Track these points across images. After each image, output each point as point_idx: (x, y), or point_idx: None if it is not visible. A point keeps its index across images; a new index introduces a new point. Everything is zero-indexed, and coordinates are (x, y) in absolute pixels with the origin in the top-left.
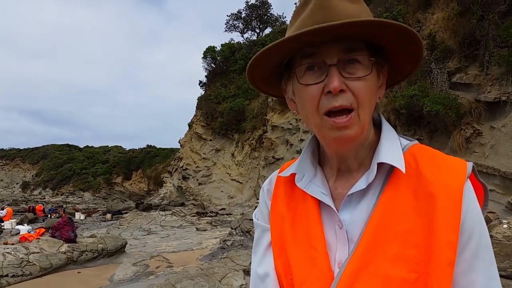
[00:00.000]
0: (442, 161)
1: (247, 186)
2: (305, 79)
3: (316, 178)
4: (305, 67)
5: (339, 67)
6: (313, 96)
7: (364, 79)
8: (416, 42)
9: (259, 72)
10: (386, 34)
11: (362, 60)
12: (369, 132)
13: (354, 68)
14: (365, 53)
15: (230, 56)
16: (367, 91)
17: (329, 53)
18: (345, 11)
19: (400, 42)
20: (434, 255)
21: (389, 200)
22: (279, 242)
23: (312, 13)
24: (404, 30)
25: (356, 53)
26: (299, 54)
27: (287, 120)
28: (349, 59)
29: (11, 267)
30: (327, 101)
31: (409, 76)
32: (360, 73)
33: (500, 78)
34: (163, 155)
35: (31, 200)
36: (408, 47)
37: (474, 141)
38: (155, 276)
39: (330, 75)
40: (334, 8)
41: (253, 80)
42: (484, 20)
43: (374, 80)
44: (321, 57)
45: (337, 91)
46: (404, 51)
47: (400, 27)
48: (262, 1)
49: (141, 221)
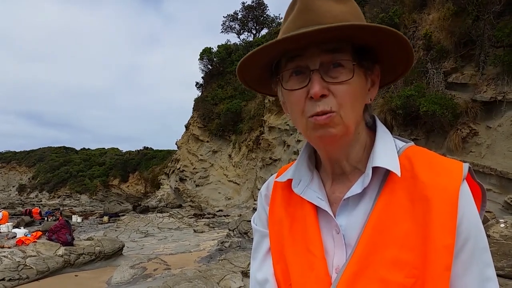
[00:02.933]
0: (437, 164)
1: (245, 187)
2: (290, 84)
3: (313, 183)
4: (290, 72)
5: (321, 72)
6: (297, 100)
7: (347, 83)
8: (400, 39)
9: (250, 75)
10: (368, 36)
11: (345, 63)
12: (360, 134)
13: (337, 72)
14: (347, 57)
15: (226, 57)
16: (350, 94)
17: (313, 55)
18: (330, 13)
19: (386, 42)
20: (431, 259)
21: (386, 204)
22: (278, 248)
23: (296, 16)
24: (386, 31)
25: (338, 54)
26: (285, 57)
27: (284, 121)
28: (332, 63)
29: (8, 271)
30: (311, 106)
31: (401, 76)
32: (343, 77)
33: (496, 78)
34: (160, 157)
35: (28, 203)
36: (395, 46)
37: (471, 140)
38: (153, 279)
39: (312, 80)
40: (317, 10)
41: (246, 81)
42: (479, 20)
43: (358, 83)
44: (305, 60)
45: (317, 96)
46: (392, 51)
47: (379, 28)
48: (258, 2)
49: (138, 223)
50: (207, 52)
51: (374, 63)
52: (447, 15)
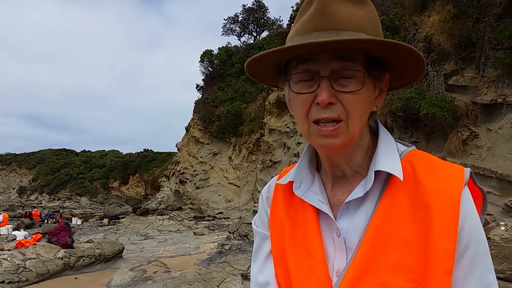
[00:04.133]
0: (439, 168)
1: (245, 190)
2: (298, 87)
3: (314, 185)
4: (299, 75)
5: (331, 79)
6: (303, 104)
7: (356, 93)
8: (415, 55)
9: (258, 71)
10: (381, 49)
11: (356, 74)
12: (364, 140)
13: (347, 81)
14: (359, 67)
15: (227, 60)
16: (358, 104)
17: (324, 60)
18: (346, 18)
19: (400, 57)
20: (432, 264)
21: (387, 208)
22: (279, 250)
23: (312, 18)
24: (403, 48)
25: (350, 63)
26: (296, 59)
27: (285, 123)
28: (343, 72)
29: (8, 273)
30: (316, 111)
31: (410, 83)
32: (352, 86)
33: (496, 80)
34: (160, 159)
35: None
36: (408, 61)
37: (471, 143)
38: (153, 282)
39: (321, 87)
40: (335, 14)
41: (253, 75)
42: (479, 22)
43: (367, 93)
44: (316, 65)
45: (325, 104)
46: (405, 65)
47: (396, 45)
48: (259, 5)
49: (138, 225)
50: (208, 54)
51: (384, 72)
52: (448, 18)
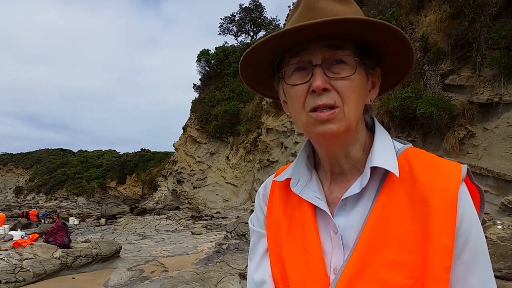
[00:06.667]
0: (436, 165)
1: (242, 189)
2: (292, 80)
3: (311, 182)
4: (293, 67)
5: (324, 67)
6: (299, 95)
7: (349, 79)
8: (402, 38)
9: (252, 72)
10: (369, 32)
11: (347, 60)
12: (360, 133)
13: (339, 68)
14: (349, 53)
15: (224, 59)
16: (352, 90)
17: (315, 50)
18: (332, 12)
19: (387, 41)
20: (430, 260)
21: (384, 205)
22: (275, 248)
23: (300, 15)
24: (386, 27)
25: (340, 51)
26: (288, 54)
27: (282, 123)
28: (335, 59)
29: (4, 273)
30: (312, 100)
31: (403, 78)
32: (345, 73)
33: (493, 80)
34: (158, 158)
35: (25, 205)
36: (396, 45)
37: (468, 142)
38: (150, 281)
39: (314, 74)
40: (321, 9)
41: (247, 80)
42: (476, 22)
43: (360, 80)
44: (308, 54)
45: (320, 89)
46: (393, 50)
47: (381, 24)
48: (256, 4)
49: (135, 225)
50: (205, 54)
51: (375, 65)
52: (444, 17)
